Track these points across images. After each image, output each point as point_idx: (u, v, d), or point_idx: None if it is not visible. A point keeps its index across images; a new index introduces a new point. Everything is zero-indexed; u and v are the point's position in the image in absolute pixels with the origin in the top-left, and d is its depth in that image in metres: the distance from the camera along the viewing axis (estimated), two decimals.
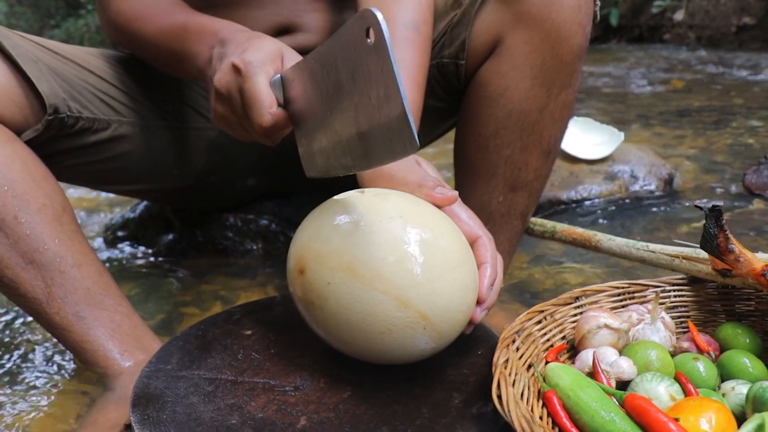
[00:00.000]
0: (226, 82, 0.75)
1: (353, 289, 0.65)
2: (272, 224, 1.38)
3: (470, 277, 0.69)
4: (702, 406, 0.62)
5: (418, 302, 0.65)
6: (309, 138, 0.72)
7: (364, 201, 0.70)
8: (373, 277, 0.65)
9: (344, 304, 0.66)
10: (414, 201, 0.71)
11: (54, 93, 0.89)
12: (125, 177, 1.11)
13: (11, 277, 0.85)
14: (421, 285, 0.65)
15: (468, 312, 0.70)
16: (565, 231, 1.06)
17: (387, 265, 0.65)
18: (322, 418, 0.67)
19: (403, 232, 0.66)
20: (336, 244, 0.67)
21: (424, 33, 0.88)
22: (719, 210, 0.74)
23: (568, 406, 0.65)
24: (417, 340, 0.67)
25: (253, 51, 0.74)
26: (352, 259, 0.65)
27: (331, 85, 0.65)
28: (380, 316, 0.65)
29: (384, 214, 0.67)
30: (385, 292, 0.64)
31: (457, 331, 0.70)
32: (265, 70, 0.72)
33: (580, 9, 0.89)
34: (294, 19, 1.07)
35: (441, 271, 0.66)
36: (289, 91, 0.72)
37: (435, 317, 0.66)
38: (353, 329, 0.67)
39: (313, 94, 0.69)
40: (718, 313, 0.84)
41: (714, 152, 2.01)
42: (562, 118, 0.98)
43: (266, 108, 0.71)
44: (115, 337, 0.90)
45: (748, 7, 4.47)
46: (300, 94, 0.71)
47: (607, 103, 2.93)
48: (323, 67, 0.66)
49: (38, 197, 0.86)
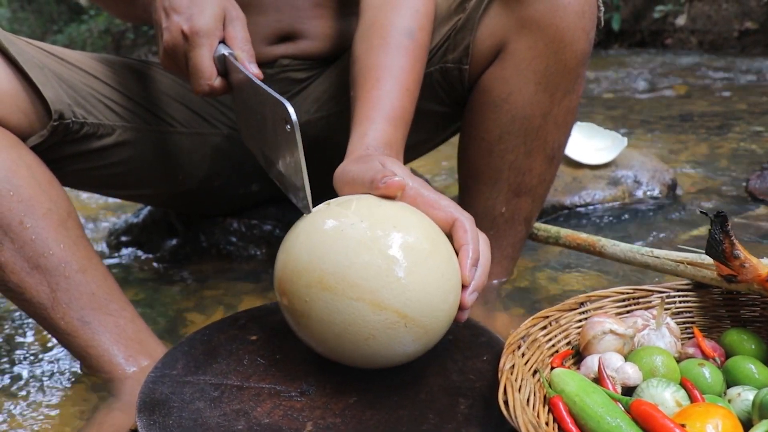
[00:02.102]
0: (173, 45, 0.82)
1: (329, 301, 0.65)
2: (276, 229, 1.38)
3: (446, 267, 0.68)
4: (708, 412, 0.62)
5: (392, 302, 0.64)
6: (241, 111, 0.86)
7: (327, 213, 0.70)
8: (345, 286, 0.64)
9: (325, 318, 0.66)
10: (376, 202, 0.70)
11: (59, 98, 0.90)
12: (129, 182, 1.11)
13: (16, 282, 0.85)
14: (392, 284, 0.64)
15: (452, 303, 0.69)
16: (569, 236, 1.06)
17: (355, 271, 0.64)
18: (328, 423, 0.67)
19: (365, 235, 0.66)
20: (305, 261, 0.67)
21: (419, 40, 0.88)
22: (724, 215, 0.74)
23: (574, 412, 0.65)
24: (403, 339, 0.66)
25: (199, 16, 0.81)
26: (321, 273, 0.66)
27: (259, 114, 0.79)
28: (360, 323, 0.65)
29: (346, 221, 0.67)
30: (359, 298, 0.64)
31: (445, 323, 0.69)
32: (209, 42, 0.81)
33: (584, 15, 0.90)
34: (296, 25, 1.08)
35: (410, 266, 0.65)
36: (230, 68, 0.83)
37: (414, 313, 0.65)
38: (340, 340, 0.67)
39: (241, 95, 0.83)
40: (723, 318, 0.84)
41: (717, 157, 2.01)
42: (566, 123, 0.98)
43: (205, 79, 0.82)
44: (120, 342, 0.90)
45: (750, 12, 4.47)
46: (235, 80, 0.83)
47: (609, 108, 2.93)
48: (256, 95, 0.79)
49: (43, 202, 0.86)
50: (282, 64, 1.10)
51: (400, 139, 0.84)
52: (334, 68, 1.12)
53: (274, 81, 1.10)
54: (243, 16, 0.86)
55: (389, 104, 0.83)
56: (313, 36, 1.09)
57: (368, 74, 0.85)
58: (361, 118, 0.83)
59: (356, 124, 0.83)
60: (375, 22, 0.88)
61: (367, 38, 0.88)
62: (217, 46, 0.83)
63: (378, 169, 0.72)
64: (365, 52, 0.87)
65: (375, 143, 0.80)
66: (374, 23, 0.88)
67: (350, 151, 0.80)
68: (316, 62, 1.13)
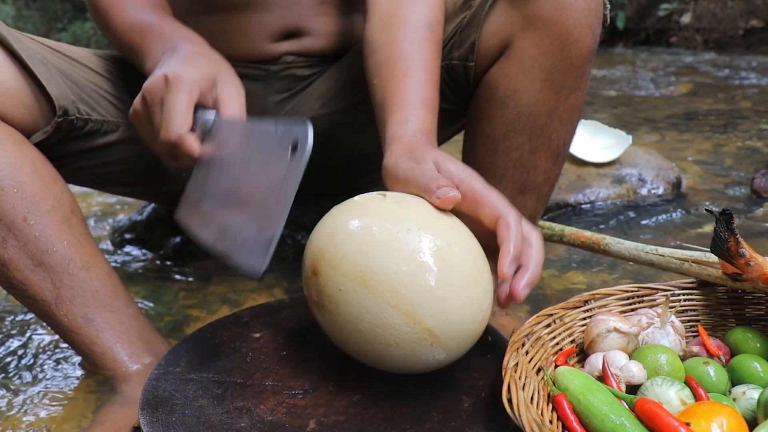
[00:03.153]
0: (152, 89, 0.78)
1: (364, 298, 0.64)
2: None
3: (484, 296, 0.68)
4: (713, 410, 0.61)
5: (427, 319, 0.64)
6: (199, 186, 0.79)
7: (382, 208, 0.69)
8: (385, 289, 0.64)
9: (354, 313, 0.65)
10: (434, 213, 0.69)
11: (63, 95, 0.90)
12: (133, 179, 1.11)
13: (20, 279, 0.85)
14: (432, 302, 0.64)
15: (478, 330, 0.68)
16: (573, 234, 1.06)
17: (399, 278, 0.64)
18: (331, 421, 0.67)
19: (419, 245, 0.65)
20: (350, 250, 0.66)
21: (437, 34, 0.89)
22: (730, 213, 0.74)
23: (578, 410, 0.65)
24: (423, 356, 0.66)
25: (188, 68, 0.78)
26: (365, 269, 0.65)
27: (237, 172, 0.74)
28: (388, 329, 0.64)
29: (401, 224, 0.66)
30: (396, 305, 0.63)
31: (467, 348, 0.69)
32: (190, 90, 0.76)
33: (590, 12, 0.89)
34: (301, 23, 1.07)
35: (454, 290, 0.64)
36: (212, 135, 0.77)
37: (443, 335, 0.65)
38: (362, 338, 0.67)
39: (223, 159, 0.76)
40: (728, 317, 0.83)
41: (722, 156, 2.00)
42: (571, 121, 0.98)
43: (176, 126, 0.76)
44: (123, 339, 0.90)
45: (756, 10, 4.45)
46: (215, 148, 0.77)
47: (614, 106, 2.92)
48: (240, 149, 0.75)
49: (47, 199, 0.86)
50: (286, 61, 1.10)
51: (436, 127, 0.84)
52: (338, 65, 1.12)
53: (277, 78, 1.10)
54: (240, 86, 0.83)
55: (422, 92, 0.83)
56: (317, 33, 1.09)
57: (396, 64, 0.85)
58: (396, 105, 0.82)
59: (392, 110, 0.82)
60: (394, 13, 0.89)
61: (387, 29, 0.88)
62: (201, 110, 0.78)
63: (433, 176, 0.71)
64: (388, 43, 0.87)
65: (421, 129, 0.79)
66: (393, 15, 0.89)
67: (394, 137, 0.78)
68: (320, 59, 1.12)
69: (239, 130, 0.77)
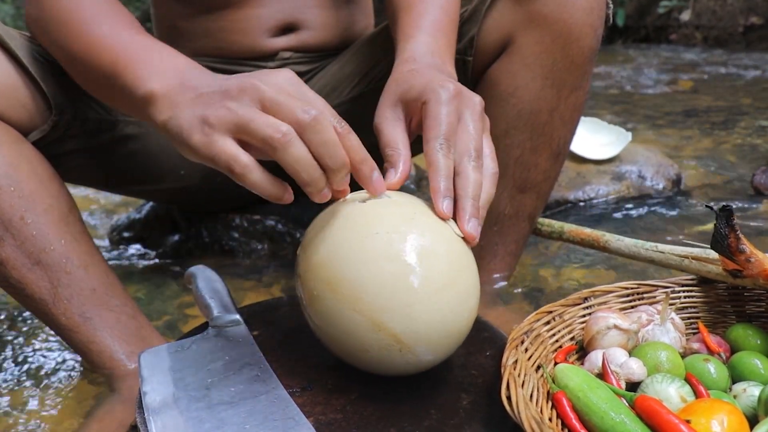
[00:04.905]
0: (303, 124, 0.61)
1: (334, 304, 0.64)
2: (278, 225, 1.38)
3: (459, 298, 0.65)
4: (713, 407, 0.61)
5: (392, 326, 0.62)
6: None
7: (357, 211, 0.67)
8: (351, 295, 0.63)
9: (327, 318, 0.66)
10: (410, 215, 0.66)
11: (60, 93, 0.89)
12: (131, 177, 1.11)
13: (18, 278, 0.85)
14: (396, 309, 0.62)
15: (456, 332, 0.66)
16: (573, 231, 1.06)
17: (363, 285, 0.62)
18: (329, 419, 0.67)
19: (383, 251, 0.63)
20: (322, 256, 0.65)
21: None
22: (730, 210, 0.73)
23: (578, 408, 0.64)
24: (396, 362, 0.65)
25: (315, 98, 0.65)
26: (332, 275, 0.64)
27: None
28: (358, 335, 0.64)
29: (370, 228, 0.64)
30: (360, 312, 0.63)
31: (447, 350, 0.67)
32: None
33: (593, 11, 0.89)
34: (298, 16, 1.07)
35: (419, 296, 0.62)
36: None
37: (411, 342, 0.63)
38: (337, 343, 0.67)
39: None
40: (728, 314, 0.83)
41: (722, 153, 2.00)
42: (572, 120, 0.98)
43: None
44: (121, 338, 0.90)
45: (756, 7, 4.45)
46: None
47: (614, 103, 2.92)
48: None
49: (45, 198, 0.85)
50: (283, 57, 1.09)
51: (444, 47, 0.83)
52: (336, 61, 1.11)
53: None
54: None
55: (433, 17, 0.84)
56: (314, 26, 1.09)
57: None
58: (399, 36, 0.84)
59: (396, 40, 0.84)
60: None
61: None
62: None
63: (393, 140, 0.70)
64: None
65: (408, 58, 0.79)
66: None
67: (398, 62, 0.79)
68: (318, 55, 1.12)
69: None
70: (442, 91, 0.69)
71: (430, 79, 0.71)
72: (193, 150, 0.62)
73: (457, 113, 0.69)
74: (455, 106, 0.69)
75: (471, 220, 0.67)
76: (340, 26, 1.11)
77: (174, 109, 0.64)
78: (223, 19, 1.04)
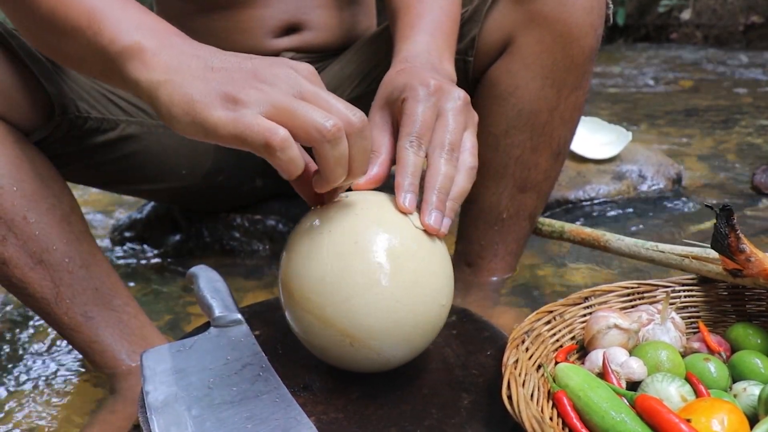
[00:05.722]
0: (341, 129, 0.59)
1: (290, 304, 0.66)
2: (279, 224, 1.38)
3: (402, 292, 0.63)
4: (714, 407, 0.61)
5: (337, 321, 0.63)
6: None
7: (321, 211, 0.67)
8: (299, 295, 0.65)
9: (295, 324, 0.68)
10: (362, 212, 0.66)
11: (62, 93, 0.89)
12: (133, 177, 1.11)
13: (20, 277, 0.85)
14: (337, 303, 0.62)
15: (414, 323, 0.65)
16: (574, 231, 1.06)
17: (308, 283, 0.64)
18: (330, 418, 0.67)
19: (328, 247, 0.64)
20: (283, 260, 0.68)
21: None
22: (730, 209, 0.73)
23: (579, 407, 0.65)
24: (354, 357, 0.65)
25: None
26: (285, 277, 0.66)
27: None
28: (313, 334, 0.66)
29: (321, 226, 0.65)
30: (309, 311, 0.64)
31: (409, 348, 0.67)
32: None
33: (593, 11, 0.89)
34: (301, 16, 1.07)
35: (358, 289, 0.62)
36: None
37: (361, 335, 0.63)
38: (308, 344, 0.69)
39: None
40: (728, 313, 0.83)
41: (722, 152, 2.00)
42: (572, 119, 0.98)
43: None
44: (123, 337, 0.90)
45: (756, 6, 4.44)
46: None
47: (614, 102, 2.92)
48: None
49: (47, 197, 0.85)
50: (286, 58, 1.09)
51: (442, 45, 0.83)
52: (338, 61, 1.12)
53: None
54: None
55: (432, 17, 0.84)
56: (317, 27, 1.09)
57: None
58: (397, 37, 0.84)
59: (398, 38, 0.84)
60: None
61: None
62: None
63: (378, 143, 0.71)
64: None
65: (403, 58, 0.79)
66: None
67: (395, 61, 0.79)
68: (320, 55, 1.12)
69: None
70: (421, 88, 0.69)
71: (412, 76, 0.71)
72: (211, 125, 0.55)
73: (436, 109, 0.69)
74: (433, 103, 0.69)
75: (433, 212, 0.66)
76: (343, 27, 1.11)
77: (172, 74, 0.58)
78: (227, 19, 1.04)
